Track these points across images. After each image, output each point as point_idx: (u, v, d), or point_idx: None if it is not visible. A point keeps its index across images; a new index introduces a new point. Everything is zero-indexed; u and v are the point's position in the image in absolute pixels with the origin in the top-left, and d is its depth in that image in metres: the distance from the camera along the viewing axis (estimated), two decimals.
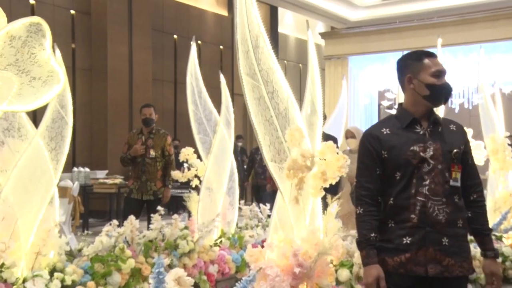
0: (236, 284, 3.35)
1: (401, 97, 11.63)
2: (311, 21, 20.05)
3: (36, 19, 2.36)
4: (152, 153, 7.20)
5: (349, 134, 6.71)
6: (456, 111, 13.27)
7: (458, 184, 2.82)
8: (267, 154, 3.78)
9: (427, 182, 2.80)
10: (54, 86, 2.41)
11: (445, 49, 10.88)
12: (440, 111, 7.12)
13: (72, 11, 12.66)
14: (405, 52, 2.92)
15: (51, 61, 2.38)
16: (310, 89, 4.33)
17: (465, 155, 2.89)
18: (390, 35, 12.20)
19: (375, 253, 2.81)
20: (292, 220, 3.76)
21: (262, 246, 3.75)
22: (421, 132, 2.87)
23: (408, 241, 2.78)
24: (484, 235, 2.90)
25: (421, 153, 2.81)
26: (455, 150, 2.83)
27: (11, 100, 2.31)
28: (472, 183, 2.90)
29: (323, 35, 15.91)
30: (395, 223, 2.83)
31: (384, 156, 2.87)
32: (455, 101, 13.63)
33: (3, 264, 3.94)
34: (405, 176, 2.82)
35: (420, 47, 13.14)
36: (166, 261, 3.06)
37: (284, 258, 3.51)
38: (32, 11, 11.34)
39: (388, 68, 12.06)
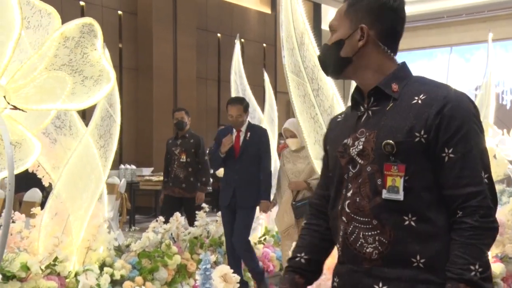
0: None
1: None
2: None
3: (88, 20, 2.43)
4: None
5: (288, 134, 5.28)
6: (508, 107, 12.99)
7: (400, 196, 1.68)
8: (312, 152, 3.79)
9: (350, 193, 1.79)
10: (104, 85, 2.47)
11: (497, 43, 10.66)
12: (491, 107, 6.95)
13: (120, 12, 12.91)
14: (454, 48, 2.43)
15: (102, 61, 2.44)
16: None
17: (432, 146, 1.67)
18: (438, 30, 11.97)
19: (291, 280, 1.90)
20: None
21: None
22: (359, 115, 1.83)
23: (335, 283, 1.87)
24: (449, 279, 1.63)
25: (351, 148, 1.80)
26: (386, 141, 1.70)
27: (64, 99, 2.39)
28: (455, 194, 1.66)
29: None
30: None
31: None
32: (506, 97, 13.34)
33: (56, 258, 4.07)
34: (334, 184, 1.87)
35: (469, 41, 12.93)
36: (212, 258, 3.11)
37: (330, 257, 3.50)
38: (82, 12, 11.60)
39: (435, 63, 11.86)
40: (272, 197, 5.59)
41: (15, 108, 2.23)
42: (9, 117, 2.29)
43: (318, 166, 3.76)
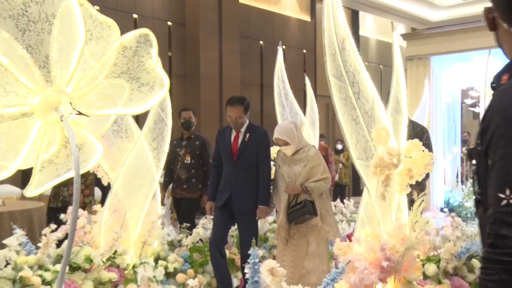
0: (326, 275, 3.37)
1: (487, 95, 10.60)
2: (387, 23, 19.66)
3: (144, 30, 2.47)
4: None
5: (281, 142, 4.74)
6: None
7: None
8: (353, 152, 3.75)
9: None
10: (159, 91, 2.52)
11: None
12: None
13: (169, 23, 13.09)
14: (492, 50, 2.07)
15: (157, 68, 2.49)
16: (395, 89, 4.26)
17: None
18: (474, 34, 11.57)
19: None
20: (378, 215, 3.72)
21: (349, 240, 3.72)
22: None
23: None
24: None
25: None
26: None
27: (123, 105, 2.44)
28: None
29: (404, 36, 15.51)
30: None
31: None
32: None
33: (115, 251, 4.15)
34: None
35: None
36: (260, 252, 3.12)
37: (372, 252, 3.47)
38: (135, 24, 11.80)
39: (471, 66, 11.51)
40: None
41: (80, 113, 2.29)
42: (75, 122, 2.35)
43: (359, 166, 3.72)
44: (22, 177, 4.23)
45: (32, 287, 3.57)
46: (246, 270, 3.06)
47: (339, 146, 13.52)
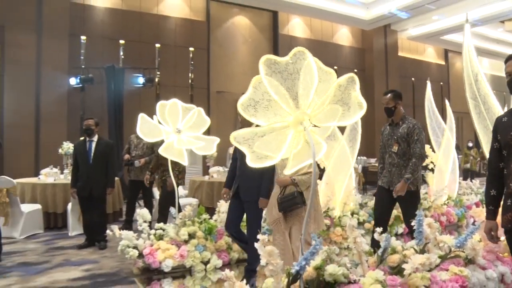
0: (465, 229, 2.81)
1: None
2: (496, 63, 16.45)
3: (351, 74, 2.32)
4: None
5: None
6: None
7: None
8: (486, 148, 3.31)
9: None
10: (360, 111, 2.33)
11: None
12: None
13: (355, 70, 12.86)
14: None
15: (359, 97, 2.29)
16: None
17: None
18: None
19: None
20: None
21: (476, 206, 3.09)
22: None
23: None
24: None
25: None
26: None
27: (338, 120, 2.31)
28: None
29: None
30: None
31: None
32: None
33: (328, 208, 4.05)
34: (506, 157, 1.98)
35: None
36: (422, 213, 2.71)
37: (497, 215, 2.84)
38: (336, 73, 11.77)
39: None
40: None
41: (314, 125, 2.24)
42: (311, 131, 2.32)
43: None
44: None
45: None
46: (413, 223, 2.67)
47: (470, 144, 11.58)
